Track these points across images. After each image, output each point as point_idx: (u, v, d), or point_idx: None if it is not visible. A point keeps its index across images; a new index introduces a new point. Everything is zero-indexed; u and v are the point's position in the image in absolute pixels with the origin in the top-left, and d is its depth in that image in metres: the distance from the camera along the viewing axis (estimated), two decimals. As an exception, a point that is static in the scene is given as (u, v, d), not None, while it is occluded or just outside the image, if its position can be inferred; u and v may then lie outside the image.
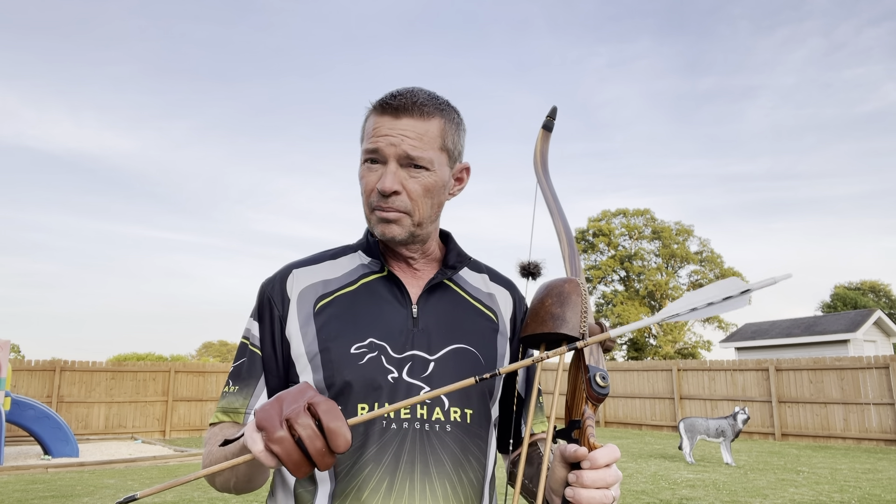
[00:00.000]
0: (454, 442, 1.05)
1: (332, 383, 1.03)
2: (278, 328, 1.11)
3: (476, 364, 1.12)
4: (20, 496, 7.59)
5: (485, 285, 1.24)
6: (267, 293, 1.14)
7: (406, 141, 1.07)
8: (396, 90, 1.12)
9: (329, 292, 1.12)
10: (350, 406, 1.02)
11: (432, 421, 1.04)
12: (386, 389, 1.03)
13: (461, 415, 1.07)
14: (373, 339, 1.06)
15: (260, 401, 1.09)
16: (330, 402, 0.76)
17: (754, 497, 7.53)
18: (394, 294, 1.13)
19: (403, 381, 1.04)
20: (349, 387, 1.02)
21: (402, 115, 1.08)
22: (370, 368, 1.03)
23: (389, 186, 1.06)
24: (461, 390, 1.08)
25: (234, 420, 1.09)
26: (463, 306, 1.17)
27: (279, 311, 1.11)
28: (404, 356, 1.06)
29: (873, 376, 13.24)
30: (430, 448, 1.02)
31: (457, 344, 1.11)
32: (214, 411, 1.12)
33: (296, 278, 1.14)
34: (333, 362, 1.04)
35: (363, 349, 1.05)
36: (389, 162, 1.07)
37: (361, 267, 1.16)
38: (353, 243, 1.22)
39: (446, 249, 1.22)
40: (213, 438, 1.05)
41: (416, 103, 1.09)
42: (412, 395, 1.03)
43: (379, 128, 1.08)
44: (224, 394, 1.12)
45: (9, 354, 10.39)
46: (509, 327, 1.22)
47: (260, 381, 1.10)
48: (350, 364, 1.03)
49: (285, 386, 1.11)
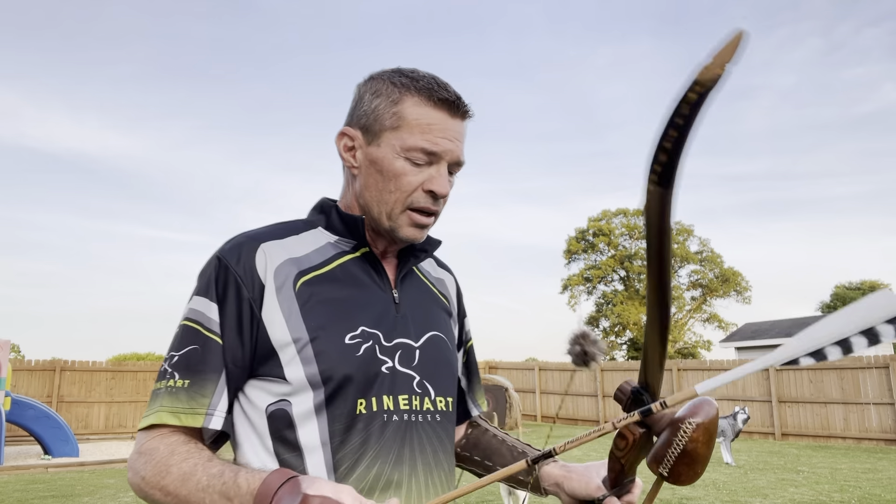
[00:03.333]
0: (443, 430, 1.04)
1: (329, 377, 0.93)
2: (248, 313, 0.94)
3: (447, 350, 1.10)
4: (20, 496, 7.58)
5: (434, 270, 1.22)
6: (231, 269, 0.96)
7: (459, 146, 1.02)
8: (437, 79, 1.03)
9: (305, 270, 1.00)
10: (349, 401, 0.94)
11: (423, 411, 1.01)
12: (383, 381, 0.97)
13: (445, 403, 1.06)
14: (364, 328, 0.98)
15: (222, 401, 0.92)
16: (326, 499, 0.72)
17: (754, 497, 7.53)
18: (372, 277, 1.05)
19: (397, 370, 1.00)
20: (349, 381, 0.94)
21: (457, 116, 1.02)
22: (367, 360, 0.97)
23: (446, 191, 1.01)
24: (445, 380, 1.07)
25: (188, 423, 0.90)
26: (426, 292, 1.15)
27: (249, 293, 0.95)
28: (394, 344, 1.01)
29: (873, 376, 13.24)
30: (428, 439, 1.00)
31: (432, 331, 1.09)
32: (154, 410, 0.90)
33: (267, 254, 0.98)
34: (328, 354, 0.94)
35: (358, 339, 0.97)
36: (443, 165, 1.01)
37: (331, 245, 1.05)
38: (308, 219, 1.10)
39: None
40: (179, 470, 0.86)
41: (463, 102, 1.03)
42: (407, 386, 1.00)
43: (437, 126, 1.00)
44: (168, 389, 0.91)
45: (9, 354, 10.39)
46: (456, 310, 1.23)
47: (221, 377, 0.93)
48: (347, 356, 0.95)
49: (245, 379, 0.96)
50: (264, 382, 0.96)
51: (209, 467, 0.85)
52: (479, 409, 1.28)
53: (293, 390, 0.94)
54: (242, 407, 0.97)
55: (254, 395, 0.97)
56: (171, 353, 0.95)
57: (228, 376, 0.94)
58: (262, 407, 0.96)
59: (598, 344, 0.96)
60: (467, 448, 1.25)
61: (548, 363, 19.76)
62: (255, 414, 0.96)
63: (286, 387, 0.94)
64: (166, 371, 0.94)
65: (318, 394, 0.93)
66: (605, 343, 0.97)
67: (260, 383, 0.96)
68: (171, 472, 0.86)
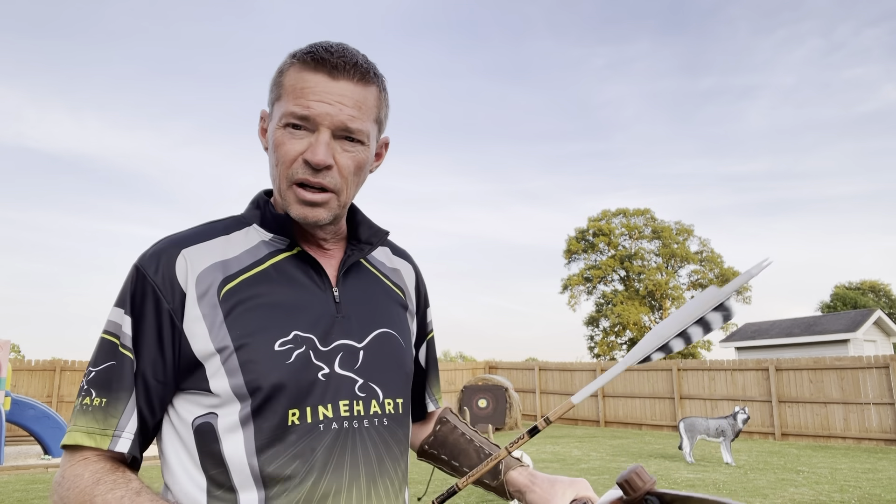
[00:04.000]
0: (390, 435, 0.97)
1: (257, 387, 0.87)
2: (168, 324, 0.89)
3: (398, 348, 1.03)
4: (20, 496, 7.58)
5: (389, 260, 1.14)
6: (150, 279, 0.90)
7: (344, 109, 0.91)
8: (327, 43, 0.94)
9: (232, 275, 0.93)
10: (280, 412, 0.88)
11: (370, 416, 0.94)
12: (319, 388, 0.91)
13: (394, 405, 0.99)
14: (297, 332, 0.92)
15: (132, 419, 0.87)
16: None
17: (754, 497, 7.53)
18: (309, 276, 0.98)
19: (336, 375, 0.93)
20: (279, 391, 0.88)
21: (340, 77, 0.92)
22: (299, 367, 0.90)
23: (323, 160, 0.91)
24: (394, 380, 1.00)
25: (101, 445, 0.86)
26: (378, 286, 1.07)
27: (168, 304, 0.89)
28: (332, 347, 0.94)
29: (873, 376, 13.24)
30: (373, 446, 0.94)
31: (380, 328, 1.01)
32: (70, 429, 0.87)
33: (188, 260, 0.92)
34: (256, 363, 0.88)
35: (289, 345, 0.90)
36: (321, 131, 0.91)
37: (264, 245, 0.98)
38: (244, 214, 1.03)
39: (354, 222, 1.07)
40: (103, 499, 0.81)
41: (356, 65, 0.93)
42: (347, 391, 0.93)
43: (310, 88, 0.91)
44: (85, 407, 0.87)
45: (9, 354, 10.39)
46: (415, 302, 1.16)
47: (131, 397, 0.88)
48: (276, 364, 0.88)
49: (171, 393, 0.91)
50: (191, 395, 0.91)
51: (137, 502, 0.81)
52: (437, 404, 1.24)
53: (220, 402, 0.89)
54: (172, 421, 0.93)
55: (182, 409, 0.92)
56: (89, 369, 0.90)
57: (145, 394, 0.89)
58: (189, 421, 0.91)
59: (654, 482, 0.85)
60: (435, 446, 1.20)
61: (548, 363, 19.75)
62: (182, 428, 0.91)
63: (212, 399, 0.89)
64: (83, 388, 0.89)
65: (244, 406, 0.88)
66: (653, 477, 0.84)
67: (187, 396, 0.92)
68: (94, 502, 0.81)
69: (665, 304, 38.38)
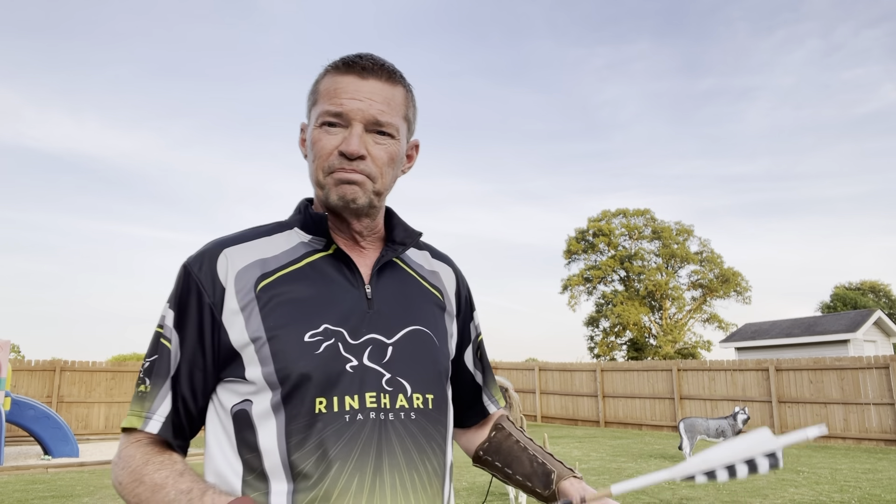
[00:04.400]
0: (419, 430, 0.99)
1: (286, 376, 0.93)
2: (209, 317, 0.97)
3: (431, 346, 1.06)
4: (20, 496, 7.58)
5: (427, 263, 1.18)
6: (194, 276, 0.99)
7: (374, 105, 1.00)
8: (360, 53, 1.04)
9: (269, 272, 1.00)
10: (307, 400, 0.93)
11: (396, 409, 0.97)
12: (346, 379, 0.95)
13: (423, 401, 1.01)
14: (327, 325, 0.97)
15: (164, 404, 0.96)
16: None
17: (754, 497, 7.53)
18: (343, 274, 1.03)
19: (364, 367, 0.97)
20: (306, 380, 0.93)
21: (370, 77, 1.01)
22: (327, 358, 0.95)
23: (356, 149, 0.98)
24: (425, 376, 1.03)
25: (135, 426, 0.96)
26: (413, 285, 1.11)
27: (209, 297, 0.97)
28: (362, 341, 0.98)
29: (873, 376, 13.24)
30: (399, 438, 0.96)
31: (412, 326, 1.05)
32: (128, 413, 0.98)
33: (229, 258, 1.00)
34: (285, 353, 0.94)
35: (318, 336, 0.96)
36: (354, 125, 0.99)
37: (303, 245, 1.05)
38: (287, 220, 1.10)
39: (391, 225, 1.13)
40: (151, 480, 0.90)
41: (383, 66, 1.03)
42: (373, 383, 0.96)
43: (343, 88, 1.00)
44: (138, 394, 0.98)
45: (9, 354, 10.39)
46: (454, 305, 1.18)
47: (166, 382, 0.97)
48: (305, 354, 0.94)
49: (213, 381, 0.99)
50: (230, 384, 0.98)
51: (179, 482, 0.89)
52: (497, 404, 1.27)
53: (254, 390, 0.95)
54: (215, 408, 1.00)
55: (222, 397, 0.99)
56: (144, 359, 1.01)
57: (187, 381, 0.98)
58: (228, 407, 0.97)
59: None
60: (489, 452, 1.22)
61: (548, 363, 19.76)
62: (223, 414, 0.98)
63: (248, 386, 0.96)
64: (139, 376, 1.00)
65: (275, 393, 0.94)
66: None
67: (227, 384, 0.99)
68: (143, 481, 0.91)
69: (665, 304, 38.39)
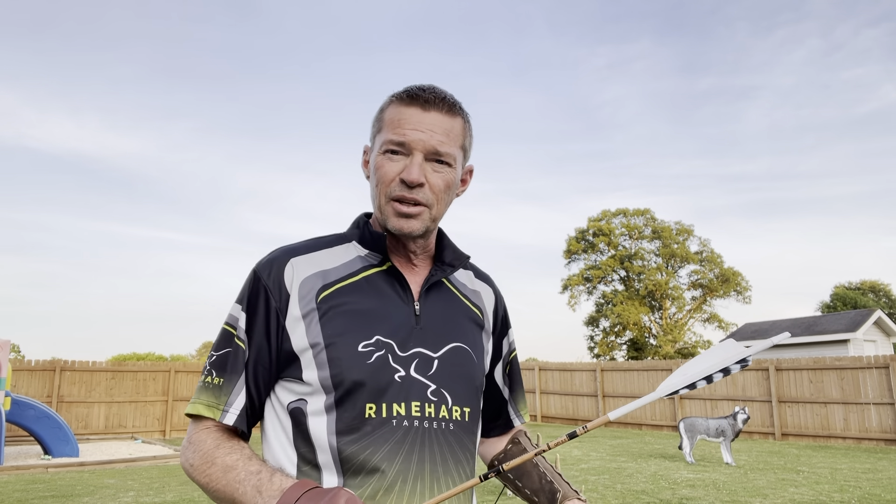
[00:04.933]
0: (456, 440, 1.06)
1: (340, 381, 1.01)
2: (275, 320, 1.05)
3: (470, 362, 1.14)
4: (20, 496, 7.58)
5: (470, 282, 1.26)
6: (263, 281, 1.07)
7: (435, 136, 1.07)
8: (420, 84, 1.11)
9: (330, 283, 1.08)
10: (359, 406, 1.01)
11: (438, 419, 1.05)
12: (395, 388, 1.02)
13: (461, 413, 1.08)
14: (379, 337, 1.05)
15: (239, 398, 1.04)
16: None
17: (754, 497, 7.53)
18: (395, 290, 1.11)
19: (411, 378, 1.04)
20: (359, 386, 1.01)
21: (431, 109, 1.08)
22: (378, 367, 1.02)
23: (417, 178, 1.04)
24: (464, 390, 1.10)
25: (213, 416, 1.03)
26: (456, 304, 1.18)
27: (276, 303, 1.05)
28: (409, 353, 1.06)
29: (873, 376, 13.24)
30: (438, 446, 1.03)
31: (455, 342, 1.12)
32: (194, 401, 1.05)
33: (295, 268, 1.08)
34: (341, 360, 1.01)
35: (370, 347, 1.03)
36: (415, 154, 1.06)
37: (360, 259, 1.13)
38: (346, 233, 1.18)
39: (441, 245, 1.20)
40: (223, 462, 0.98)
41: (444, 99, 1.09)
42: (420, 394, 1.04)
43: (406, 119, 1.07)
44: (207, 384, 1.05)
45: (9, 354, 10.39)
46: (492, 323, 1.26)
47: (241, 378, 1.04)
48: (358, 363, 1.02)
49: (274, 379, 1.07)
50: (288, 383, 1.06)
51: (249, 465, 0.97)
52: (522, 419, 1.33)
53: (310, 391, 1.03)
54: (273, 404, 1.08)
55: (280, 394, 1.07)
56: (211, 353, 1.08)
57: (253, 378, 1.05)
58: (286, 404, 1.06)
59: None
60: (503, 463, 1.24)
61: (548, 363, 19.76)
62: (280, 410, 1.07)
63: (305, 387, 1.03)
64: (206, 368, 1.07)
65: (329, 396, 1.01)
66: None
67: (285, 383, 1.06)
68: (215, 462, 0.98)
69: (665, 304, 38.38)
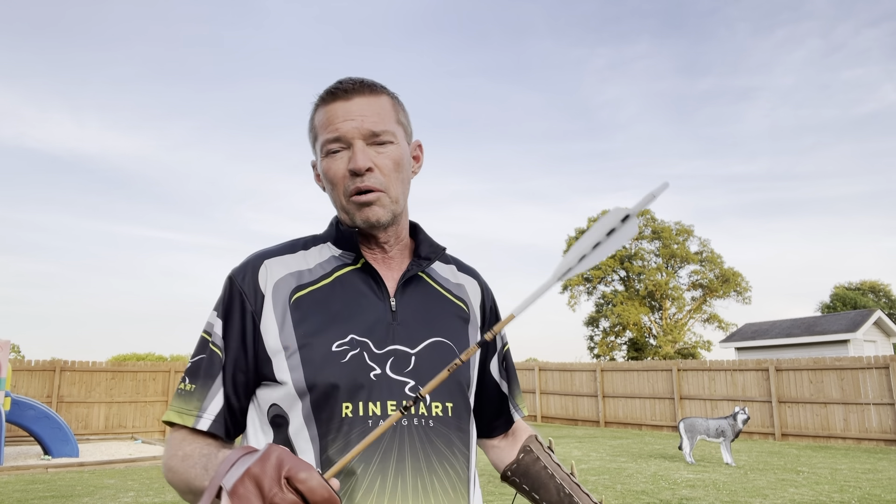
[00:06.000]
0: (438, 436, 1.04)
1: (314, 383, 1.00)
2: (250, 324, 1.05)
3: (453, 356, 1.11)
4: (20, 496, 7.59)
5: (453, 276, 1.24)
6: (238, 285, 1.07)
7: (366, 119, 1.06)
8: (340, 80, 1.11)
9: (304, 284, 1.08)
10: (336, 406, 0.99)
11: (418, 415, 1.03)
12: (370, 387, 1.01)
13: (442, 409, 1.06)
14: (354, 336, 1.03)
15: (214, 403, 1.02)
16: (304, 464, 0.72)
17: (754, 497, 7.53)
18: (370, 286, 1.10)
19: (386, 376, 1.02)
20: (333, 387, 1.00)
21: (354, 96, 1.07)
22: (353, 367, 1.01)
23: (363, 163, 1.03)
24: (444, 385, 1.08)
25: (184, 423, 1.01)
26: (436, 298, 1.16)
27: (251, 306, 1.05)
28: (385, 351, 1.04)
29: (873, 376, 13.24)
30: (420, 443, 1.01)
31: (434, 337, 1.10)
32: (168, 409, 1.05)
33: (269, 269, 1.08)
34: (314, 361, 1.01)
35: (345, 346, 1.02)
36: (355, 142, 1.05)
37: (334, 259, 1.12)
38: (321, 234, 1.18)
39: (417, 240, 1.19)
40: (183, 452, 0.98)
41: (363, 83, 1.09)
42: (396, 391, 1.02)
43: (334, 114, 1.07)
44: (179, 391, 1.05)
45: (9, 354, 10.39)
46: (479, 316, 1.23)
47: (216, 383, 1.04)
48: (332, 363, 1.01)
49: (254, 383, 1.06)
50: (266, 385, 1.06)
51: (203, 449, 0.97)
52: (521, 412, 1.32)
53: (286, 393, 1.02)
54: (253, 405, 1.08)
55: (260, 395, 1.07)
56: (189, 360, 1.08)
57: (232, 382, 1.04)
58: (265, 405, 1.05)
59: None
60: (517, 474, 1.26)
61: (548, 363, 19.76)
62: (260, 413, 1.06)
63: (281, 388, 1.03)
64: (182, 375, 1.08)
65: (305, 397, 1.01)
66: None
67: (264, 386, 1.06)
68: (177, 454, 0.99)
69: (665, 304, 38.39)
